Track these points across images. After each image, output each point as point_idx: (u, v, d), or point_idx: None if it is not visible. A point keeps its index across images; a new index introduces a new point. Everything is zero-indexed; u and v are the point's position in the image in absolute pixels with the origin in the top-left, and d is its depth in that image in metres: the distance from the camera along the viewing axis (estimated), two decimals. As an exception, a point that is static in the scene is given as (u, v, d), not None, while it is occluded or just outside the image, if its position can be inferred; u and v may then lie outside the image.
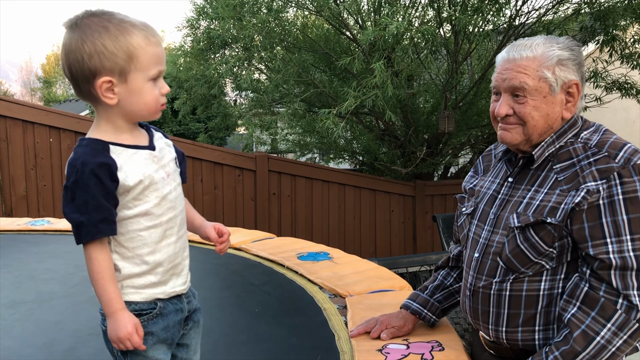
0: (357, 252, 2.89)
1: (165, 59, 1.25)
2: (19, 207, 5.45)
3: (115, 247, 1.24)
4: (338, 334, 1.84)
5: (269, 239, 3.24)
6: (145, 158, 1.24)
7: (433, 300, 1.78)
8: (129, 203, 1.21)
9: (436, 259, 3.82)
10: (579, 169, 1.40)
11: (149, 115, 1.25)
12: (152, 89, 1.21)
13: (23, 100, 16.07)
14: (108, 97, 1.18)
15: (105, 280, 1.19)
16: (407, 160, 7.08)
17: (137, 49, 1.17)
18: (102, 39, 1.14)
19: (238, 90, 7.28)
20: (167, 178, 1.27)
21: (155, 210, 1.24)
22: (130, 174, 1.19)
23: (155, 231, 1.25)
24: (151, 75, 1.20)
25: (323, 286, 2.33)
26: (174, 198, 1.28)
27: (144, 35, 1.18)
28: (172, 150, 1.34)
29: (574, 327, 1.35)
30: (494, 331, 1.52)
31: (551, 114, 1.45)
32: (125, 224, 1.22)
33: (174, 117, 16.07)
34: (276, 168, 6.39)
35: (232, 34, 5.60)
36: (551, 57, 1.43)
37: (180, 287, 1.31)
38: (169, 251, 1.28)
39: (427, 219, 6.99)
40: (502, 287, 1.48)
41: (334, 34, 6.44)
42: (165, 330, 1.29)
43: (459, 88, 6.36)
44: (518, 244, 1.44)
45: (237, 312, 2.21)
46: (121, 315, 1.19)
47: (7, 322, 2.10)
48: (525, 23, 5.86)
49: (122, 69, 1.16)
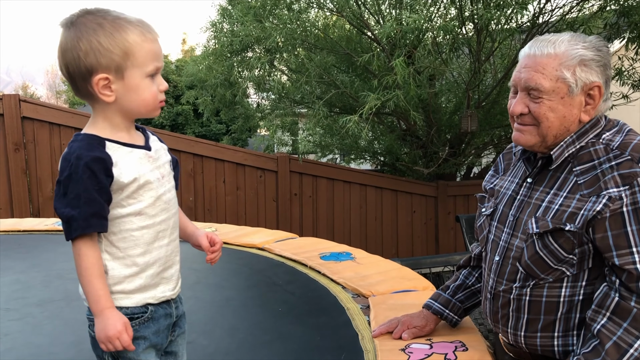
0: (379, 253, 2.89)
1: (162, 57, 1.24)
2: (46, 208, 5.56)
3: (107, 247, 1.21)
4: (362, 333, 1.84)
5: (292, 239, 3.25)
6: (140, 157, 1.23)
7: (455, 300, 1.77)
8: (122, 201, 1.20)
9: (459, 259, 3.79)
10: (600, 172, 1.35)
11: (147, 112, 1.24)
12: (149, 86, 1.20)
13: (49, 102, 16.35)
14: (105, 95, 1.17)
15: (94, 277, 1.17)
16: (429, 161, 7.04)
17: (133, 45, 1.16)
18: (98, 36, 1.14)
19: (260, 93, 7.31)
20: (162, 179, 1.26)
21: (149, 210, 1.23)
22: (125, 171, 1.18)
23: (148, 232, 1.23)
24: (148, 72, 1.19)
25: (346, 286, 2.33)
26: (168, 200, 1.27)
27: (139, 32, 1.17)
28: (167, 154, 1.33)
29: (605, 338, 1.30)
30: (513, 335, 1.50)
31: (568, 116, 1.40)
32: (117, 223, 1.20)
33: (196, 118, 16.25)
34: (297, 169, 6.41)
35: (254, 36, 5.62)
36: (573, 56, 1.37)
37: (170, 292, 1.30)
38: (161, 253, 1.26)
39: (449, 219, 6.95)
40: (522, 292, 1.46)
41: (356, 35, 6.44)
42: (156, 335, 1.27)
43: (482, 87, 6.31)
44: (537, 251, 1.41)
45: (261, 311, 2.23)
46: (110, 313, 1.17)
47: (37, 320, 2.14)
48: (549, 21, 5.79)
49: (118, 65, 1.16)
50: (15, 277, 2.69)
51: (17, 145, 5.42)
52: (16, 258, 3.05)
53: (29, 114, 5.45)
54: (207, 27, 6.57)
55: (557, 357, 1.44)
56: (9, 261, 2.97)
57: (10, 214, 5.39)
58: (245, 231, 3.45)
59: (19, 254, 3.15)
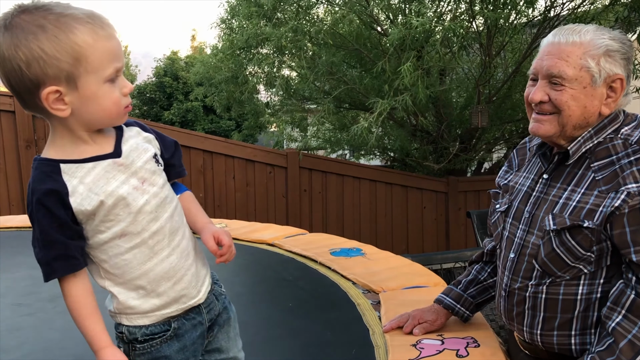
0: (389, 249, 2.87)
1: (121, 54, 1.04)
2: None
3: (105, 274, 1.10)
4: (372, 328, 1.83)
5: (302, 234, 3.25)
6: (107, 171, 1.05)
7: (467, 295, 1.74)
8: (99, 226, 1.06)
9: (470, 255, 3.77)
10: (618, 168, 1.32)
11: (111, 122, 1.07)
12: (109, 92, 1.02)
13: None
14: (58, 109, 1.00)
15: (83, 318, 1.06)
16: (439, 156, 7.01)
17: (84, 47, 0.97)
18: (39, 41, 0.94)
19: (269, 89, 7.32)
20: (141, 186, 1.08)
21: (132, 228, 1.07)
22: (85, 198, 1.03)
23: (139, 251, 1.09)
24: (107, 76, 1.01)
25: (356, 282, 2.32)
26: (154, 208, 1.10)
27: (90, 30, 0.97)
28: (150, 147, 1.14)
29: (620, 336, 1.28)
30: (529, 333, 1.48)
31: (589, 106, 1.36)
32: (104, 250, 1.08)
33: (205, 114, 16.28)
34: (307, 165, 6.40)
35: (263, 35, 5.62)
36: (599, 45, 1.34)
37: (193, 300, 1.17)
38: (165, 268, 1.12)
39: (460, 215, 6.91)
40: (538, 290, 1.43)
41: (365, 30, 6.42)
42: (181, 352, 1.16)
43: (493, 82, 6.26)
44: (554, 248, 1.38)
45: (272, 307, 2.23)
46: (104, 354, 1.06)
47: (49, 315, 2.15)
48: (560, 15, 5.73)
49: (69, 74, 0.97)
50: (27, 272, 2.71)
51: (28, 142, 5.45)
52: (28, 254, 3.05)
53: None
54: (217, 24, 6.58)
55: (575, 355, 1.41)
56: (21, 257, 2.99)
57: (22, 210, 5.42)
58: (255, 227, 3.46)
59: (31, 250, 3.17)
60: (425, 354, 1.58)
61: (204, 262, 1.25)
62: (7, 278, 2.62)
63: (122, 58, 1.04)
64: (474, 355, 1.57)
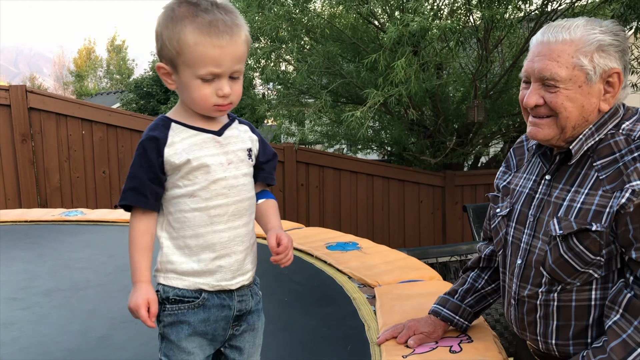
0: (385, 243, 2.88)
1: (231, 61, 1.18)
2: (53, 198, 5.59)
3: (166, 226, 1.24)
4: (368, 323, 1.83)
5: (298, 229, 3.25)
6: (205, 141, 1.23)
7: (464, 305, 1.67)
8: (178, 182, 1.21)
9: (466, 249, 3.78)
10: (622, 165, 1.27)
11: (201, 111, 1.23)
12: (200, 87, 1.18)
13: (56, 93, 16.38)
14: (167, 82, 1.22)
15: (135, 250, 1.20)
16: (436, 151, 7.01)
17: (185, 45, 1.14)
18: (164, 27, 1.17)
19: (265, 83, 7.29)
20: (227, 165, 1.24)
21: (202, 193, 1.21)
22: (178, 152, 1.20)
23: (199, 215, 1.22)
24: (200, 75, 1.16)
25: (352, 276, 2.33)
26: (230, 186, 1.24)
27: (199, 33, 1.14)
28: (248, 142, 1.30)
29: (614, 336, 1.24)
30: (544, 343, 1.41)
31: (586, 105, 1.31)
32: (174, 203, 1.23)
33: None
34: (304, 159, 6.40)
35: (258, 24, 5.60)
36: (591, 41, 1.28)
37: (228, 282, 1.25)
38: (214, 239, 1.23)
39: (456, 209, 6.92)
40: (550, 298, 1.36)
41: (362, 24, 6.39)
42: (204, 323, 1.24)
43: (490, 76, 6.25)
44: (561, 254, 1.32)
45: (267, 301, 2.21)
46: (138, 287, 1.19)
47: (44, 309, 2.15)
48: (557, 9, 5.73)
49: (172, 59, 1.17)
50: (22, 266, 2.71)
51: (24, 136, 5.43)
52: (23, 248, 3.07)
53: (36, 105, 5.46)
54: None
55: (575, 356, 1.35)
56: (16, 251, 2.99)
57: (18, 205, 5.41)
58: (252, 221, 3.45)
59: (26, 244, 3.17)
60: (419, 350, 1.58)
61: (254, 261, 1.34)
62: (3, 272, 2.61)
63: (225, 65, 1.17)
64: (467, 350, 1.57)
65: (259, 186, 1.36)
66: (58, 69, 36.93)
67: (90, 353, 1.77)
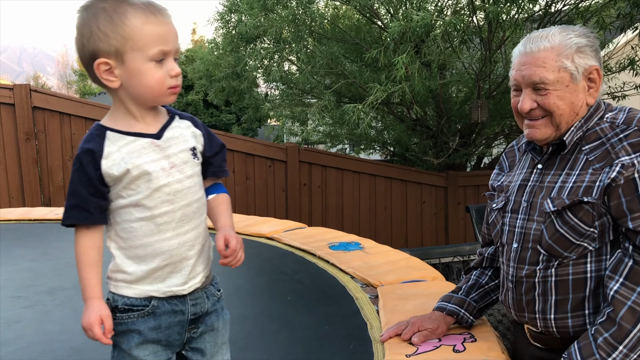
0: (388, 243, 2.88)
1: (175, 39, 1.18)
2: (57, 197, 5.60)
3: (114, 236, 1.22)
4: (370, 322, 1.84)
5: (301, 228, 3.25)
6: (143, 147, 1.19)
7: (469, 299, 1.70)
8: (121, 192, 1.18)
9: (469, 249, 3.78)
10: (609, 146, 1.39)
11: (155, 99, 1.20)
12: (153, 70, 1.15)
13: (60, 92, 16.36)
14: (109, 80, 1.15)
15: (83, 266, 1.18)
16: (439, 151, 7.00)
17: (132, 28, 1.12)
18: (98, 21, 1.12)
19: (269, 83, 7.29)
20: (170, 169, 1.20)
21: (147, 202, 1.18)
22: (117, 163, 1.15)
23: (146, 224, 1.19)
24: (151, 56, 1.14)
25: (354, 276, 2.33)
26: (174, 191, 1.20)
27: (141, 14, 1.13)
28: (191, 140, 1.26)
29: (619, 304, 1.31)
30: (542, 320, 1.48)
31: (576, 101, 1.44)
32: (120, 213, 1.19)
33: (205, 108, 16.26)
34: (307, 159, 6.40)
35: (262, 26, 5.59)
36: (569, 45, 1.42)
37: (178, 287, 1.23)
38: (163, 247, 1.20)
39: (459, 210, 6.92)
40: (547, 274, 1.45)
41: (365, 24, 6.39)
42: (155, 331, 1.22)
43: (493, 77, 6.25)
44: (557, 229, 1.41)
45: (270, 300, 2.23)
46: (90, 304, 1.17)
47: (48, 307, 2.16)
48: (561, 10, 5.72)
49: (117, 50, 1.12)
50: (26, 265, 2.72)
51: (28, 135, 5.45)
52: (27, 247, 3.08)
53: (39, 104, 5.48)
54: (216, 19, 6.54)
55: (583, 334, 1.40)
56: (20, 250, 2.99)
57: (22, 203, 5.43)
58: (254, 221, 3.46)
59: (30, 242, 3.18)
60: (423, 349, 1.58)
61: (208, 262, 1.31)
62: (6, 271, 2.62)
63: (171, 43, 1.17)
64: (470, 349, 1.57)
65: (209, 181, 1.33)
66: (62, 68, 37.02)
67: (93, 351, 1.77)
